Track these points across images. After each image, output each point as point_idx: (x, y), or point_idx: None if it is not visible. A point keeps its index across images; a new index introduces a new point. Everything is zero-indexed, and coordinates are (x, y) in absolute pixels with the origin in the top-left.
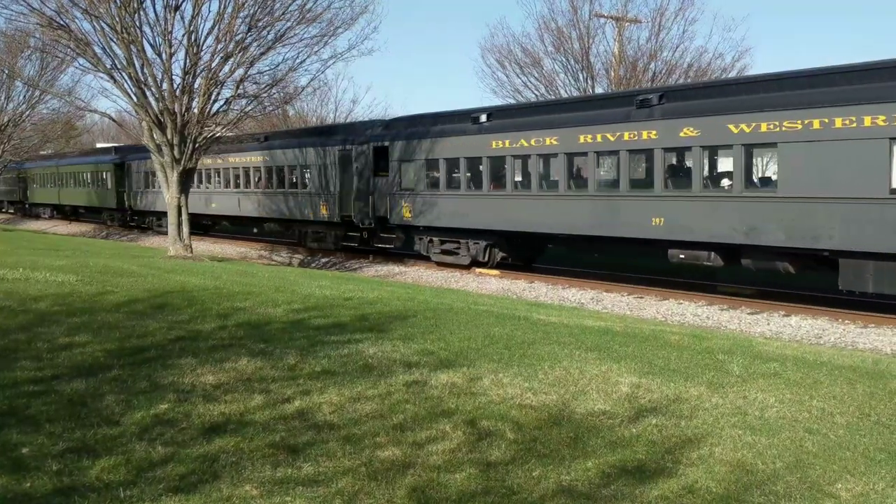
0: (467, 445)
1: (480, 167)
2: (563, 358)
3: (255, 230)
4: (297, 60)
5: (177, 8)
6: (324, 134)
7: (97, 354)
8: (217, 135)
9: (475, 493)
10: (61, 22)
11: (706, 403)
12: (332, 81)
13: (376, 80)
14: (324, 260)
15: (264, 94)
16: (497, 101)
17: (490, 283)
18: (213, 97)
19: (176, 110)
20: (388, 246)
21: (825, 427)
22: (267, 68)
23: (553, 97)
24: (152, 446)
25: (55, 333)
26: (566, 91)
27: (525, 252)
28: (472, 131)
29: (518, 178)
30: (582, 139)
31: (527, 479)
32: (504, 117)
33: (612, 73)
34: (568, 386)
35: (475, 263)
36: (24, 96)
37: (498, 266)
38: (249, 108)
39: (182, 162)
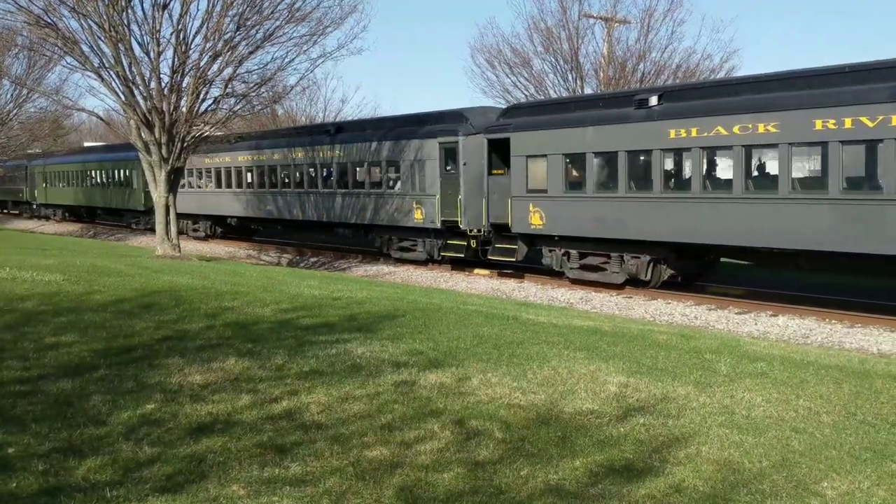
0: (455, 445)
1: (649, 163)
2: (552, 357)
3: (322, 236)
4: (286, 59)
5: (165, 6)
6: (419, 124)
7: (84, 354)
8: (205, 134)
9: (463, 493)
10: (49, 20)
11: (693, 403)
12: (322, 80)
13: (365, 80)
14: (312, 259)
15: (253, 94)
16: (488, 102)
17: (479, 283)
18: (201, 96)
19: (164, 109)
20: (507, 259)
21: (812, 426)
22: (256, 67)
23: (543, 97)
24: (139, 446)
25: (42, 333)
26: (556, 91)
27: (700, 268)
28: (636, 118)
29: (708, 176)
30: (819, 125)
31: (515, 479)
32: (686, 98)
33: (602, 74)
34: (556, 385)
35: (631, 282)
36: (12, 95)
37: (663, 285)
38: (238, 107)
39: (170, 161)
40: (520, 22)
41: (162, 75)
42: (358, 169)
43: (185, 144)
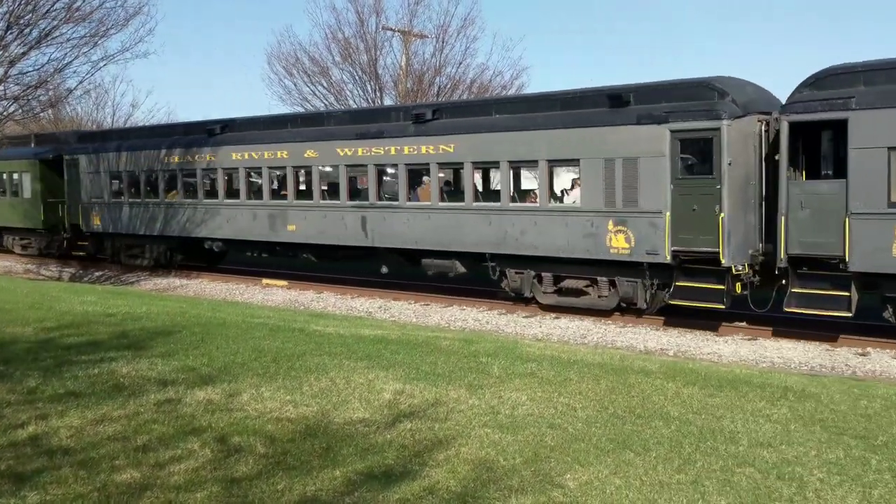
0: (214, 463)
1: None
2: (332, 368)
3: (384, 269)
4: (65, 61)
5: None
6: (618, 103)
7: None
8: None
9: None
10: None
11: (463, 405)
12: (110, 84)
13: (159, 84)
14: (97, 273)
15: (29, 96)
16: (285, 109)
17: (277, 295)
18: None
19: None
20: (822, 312)
21: (567, 421)
22: (31, 69)
23: (343, 108)
24: None
25: None
26: (355, 102)
27: None
28: None
29: None
30: None
31: (270, 493)
32: None
33: (400, 86)
34: (331, 396)
35: None
36: None
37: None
38: (12, 109)
39: None
40: (317, 31)
41: None
42: (492, 172)
43: None
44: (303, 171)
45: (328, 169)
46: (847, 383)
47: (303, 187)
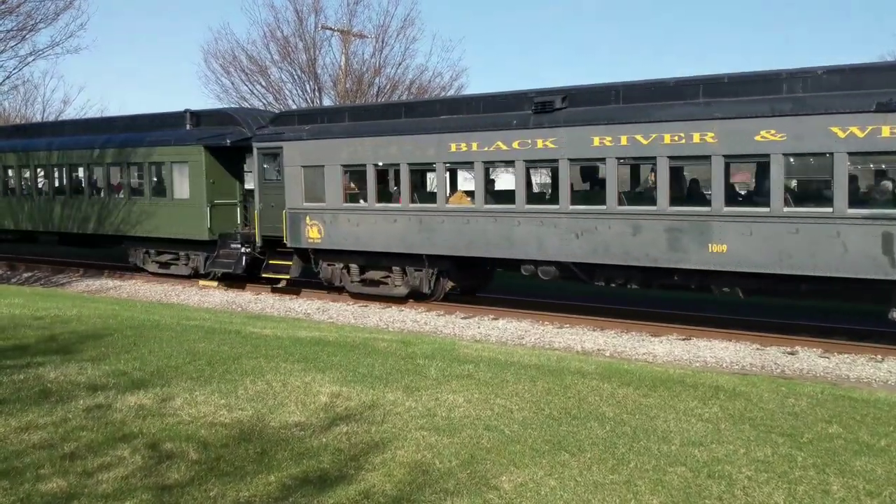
0: (144, 470)
1: None
2: (268, 371)
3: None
4: None
5: None
6: None
7: None
8: None
9: None
10: None
11: (400, 408)
12: (40, 80)
13: (91, 80)
14: (26, 275)
15: None
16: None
17: (213, 297)
18: None
19: None
20: None
21: (503, 423)
22: None
23: (282, 107)
24: None
25: None
26: (294, 102)
27: None
28: None
29: None
30: None
31: (203, 499)
32: None
33: (339, 86)
34: (267, 400)
35: None
36: None
37: None
38: None
39: None
40: (255, 29)
41: None
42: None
43: None
44: (749, 160)
45: (802, 159)
46: (776, 382)
47: (740, 189)
